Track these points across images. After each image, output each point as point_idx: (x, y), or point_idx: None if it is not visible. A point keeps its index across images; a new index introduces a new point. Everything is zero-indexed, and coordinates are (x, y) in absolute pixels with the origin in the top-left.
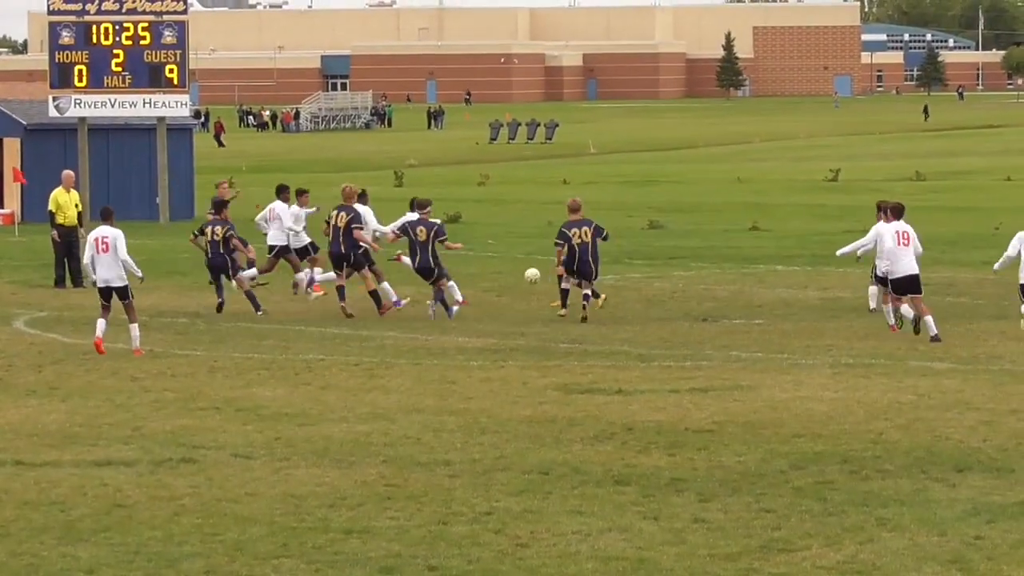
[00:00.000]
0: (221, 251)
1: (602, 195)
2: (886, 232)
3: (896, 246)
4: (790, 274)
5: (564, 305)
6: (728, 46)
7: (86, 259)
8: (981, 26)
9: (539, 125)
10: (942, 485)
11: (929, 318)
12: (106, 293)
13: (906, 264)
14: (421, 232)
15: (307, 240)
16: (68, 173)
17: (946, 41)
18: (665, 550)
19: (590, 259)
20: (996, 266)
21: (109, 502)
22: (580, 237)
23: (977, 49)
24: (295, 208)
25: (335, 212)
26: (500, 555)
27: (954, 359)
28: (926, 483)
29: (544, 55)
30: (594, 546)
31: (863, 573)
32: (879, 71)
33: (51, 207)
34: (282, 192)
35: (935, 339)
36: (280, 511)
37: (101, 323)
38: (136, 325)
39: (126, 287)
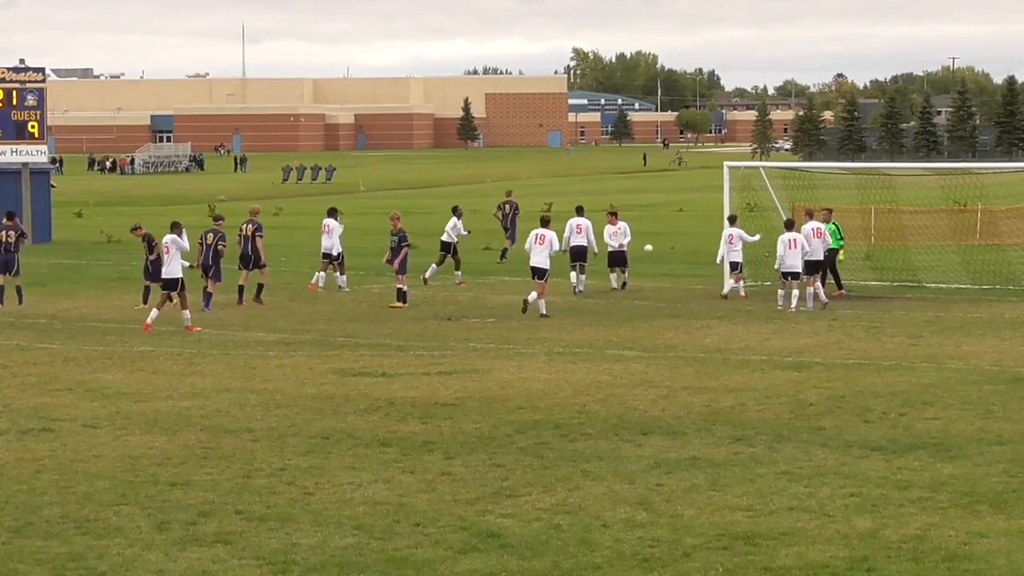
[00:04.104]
0: (12, 251)
1: (369, 223)
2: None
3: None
4: (514, 283)
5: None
6: (466, 108)
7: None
8: (659, 93)
9: (321, 169)
10: (631, 445)
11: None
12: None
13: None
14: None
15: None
16: None
17: (633, 104)
18: (420, 496)
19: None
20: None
21: None
22: (393, 243)
23: (656, 111)
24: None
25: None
26: (292, 501)
27: (640, 348)
28: (619, 443)
29: (324, 115)
30: (365, 494)
31: (572, 513)
32: (582, 128)
33: None
34: (332, 213)
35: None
36: (120, 469)
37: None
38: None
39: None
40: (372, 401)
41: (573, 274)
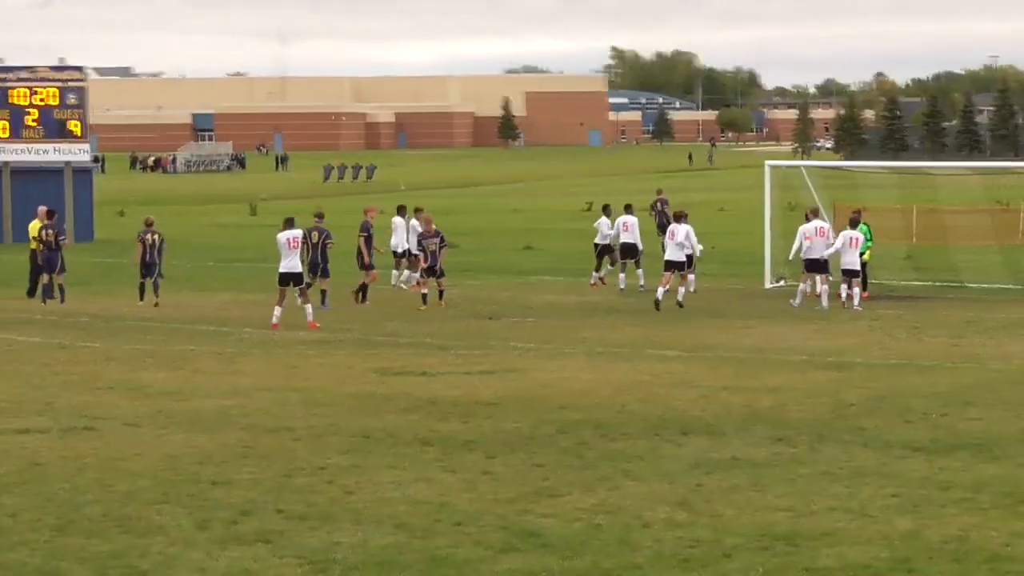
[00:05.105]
0: (54, 248)
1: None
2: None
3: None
4: (555, 283)
5: (425, 303)
6: (506, 107)
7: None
8: (700, 92)
9: (361, 168)
10: (671, 445)
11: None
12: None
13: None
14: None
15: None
16: (40, 208)
17: (673, 103)
18: (460, 495)
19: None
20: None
21: (28, 461)
22: (433, 246)
23: (697, 110)
24: (412, 222)
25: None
26: (332, 500)
27: (680, 348)
28: (659, 443)
29: (365, 114)
30: (406, 493)
31: (612, 513)
32: (623, 127)
33: (31, 234)
34: (401, 210)
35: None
36: (161, 467)
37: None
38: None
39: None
40: (413, 400)
41: (621, 274)
